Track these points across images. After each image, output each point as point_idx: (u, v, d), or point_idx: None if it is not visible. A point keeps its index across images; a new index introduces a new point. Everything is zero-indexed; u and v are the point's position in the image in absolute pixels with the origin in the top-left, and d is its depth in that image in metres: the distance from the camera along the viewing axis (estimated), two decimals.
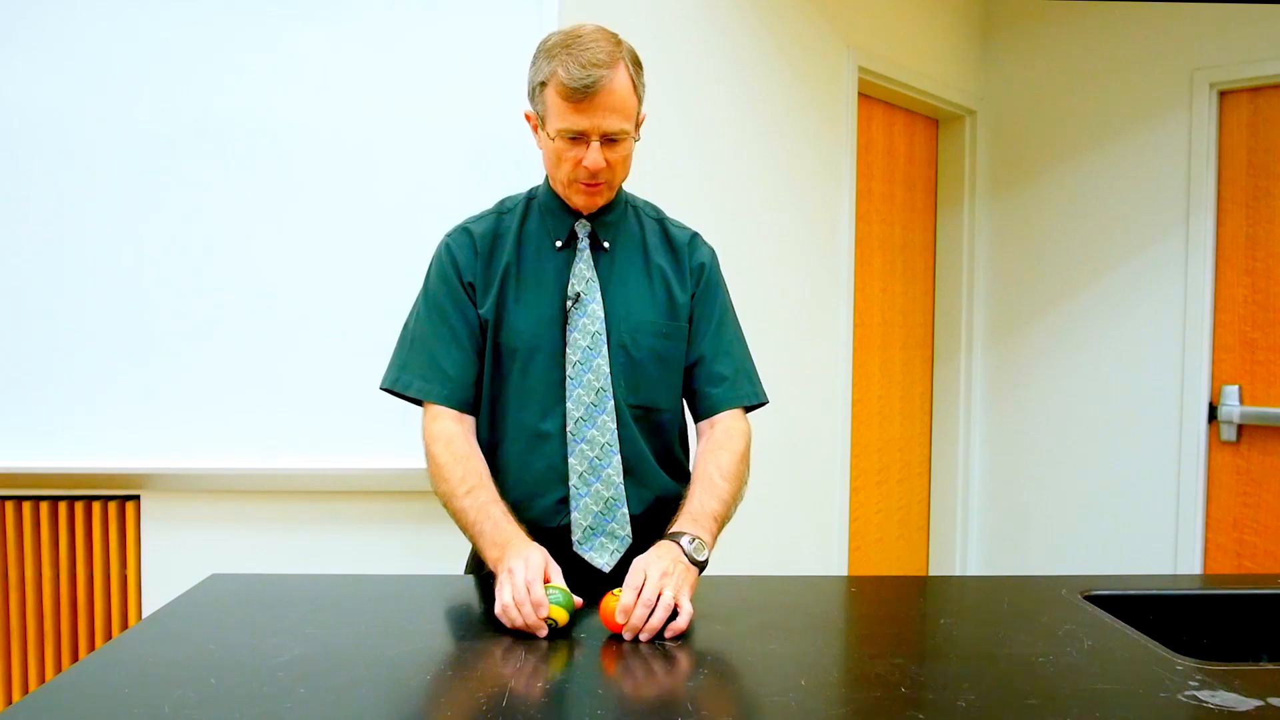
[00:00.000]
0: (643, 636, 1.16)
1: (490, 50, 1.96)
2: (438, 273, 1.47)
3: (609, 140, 1.35)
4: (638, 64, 1.40)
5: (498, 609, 1.20)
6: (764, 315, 2.59)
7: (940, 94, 3.33)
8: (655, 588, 1.18)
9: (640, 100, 1.40)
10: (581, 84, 1.30)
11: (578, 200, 1.42)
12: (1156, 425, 3.18)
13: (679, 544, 1.28)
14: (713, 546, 1.34)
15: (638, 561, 1.24)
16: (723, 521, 1.40)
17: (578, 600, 1.22)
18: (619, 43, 1.37)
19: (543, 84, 1.36)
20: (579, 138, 1.35)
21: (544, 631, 1.17)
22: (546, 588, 1.20)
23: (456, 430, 1.42)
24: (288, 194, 1.99)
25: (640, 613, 1.16)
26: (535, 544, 1.29)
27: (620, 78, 1.34)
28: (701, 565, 1.29)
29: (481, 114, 1.96)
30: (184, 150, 1.97)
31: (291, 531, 2.01)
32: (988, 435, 3.60)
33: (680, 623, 1.18)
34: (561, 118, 1.34)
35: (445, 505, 1.40)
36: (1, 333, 1.97)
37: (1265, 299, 3.03)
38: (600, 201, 1.43)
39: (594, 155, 1.34)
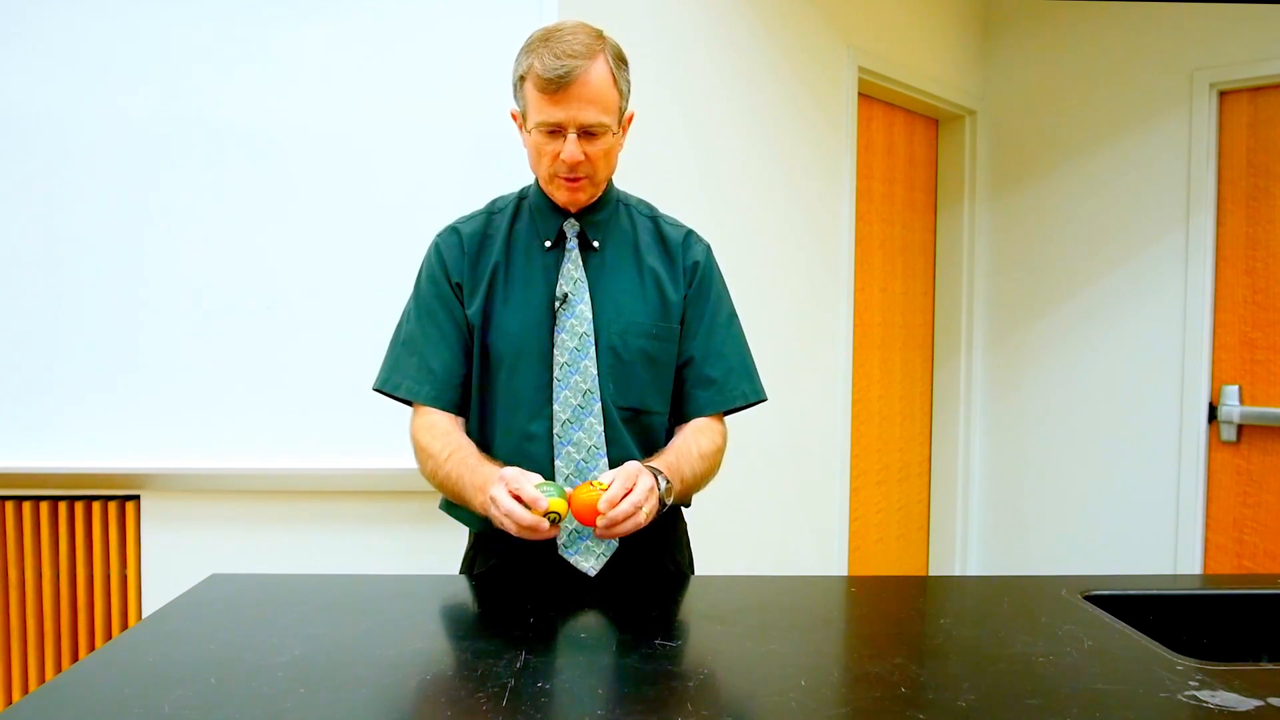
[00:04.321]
0: (601, 532, 1.24)
1: (490, 51, 1.96)
2: (427, 274, 1.48)
3: (587, 133, 1.34)
4: (621, 60, 1.38)
5: (508, 527, 1.24)
6: (764, 315, 2.59)
7: (940, 94, 3.33)
8: (644, 494, 1.25)
9: (623, 96, 1.38)
10: (556, 74, 1.30)
11: (560, 196, 1.41)
12: (1156, 425, 3.18)
13: (655, 477, 1.32)
14: (669, 505, 1.37)
15: (619, 469, 1.29)
16: (681, 494, 1.41)
17: (569, 490, 1.28)
18: (600, 37, 1.36)
19: (522, 78, 1.36)
20: (556, 131, 1.34)
21: (546, 525, 1.22)
22: (536, 486, 1.25)
23: (440, 418, 1.43)
24: (287, 194, 1.99)
25: (627, 509, 1.22)
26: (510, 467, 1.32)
27: (598, 70, 1.32)
28: (661, 507, 1.32)
29: (481, 114, 1.96)
30: (183, 150, 1.97)
31: (291, 531, 2.01)
32: (988, 435, 3.60)
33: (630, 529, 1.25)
34: (539, 110, 1.33)
35: (435, 483, 1.42)
36: (1, 333, 1.97)
37: (1265, 299, 3.03)
38: (583, 198, 1.42)
39: (570, 148, 1.33)
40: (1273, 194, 3.01)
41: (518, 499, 1.24)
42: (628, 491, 1.25)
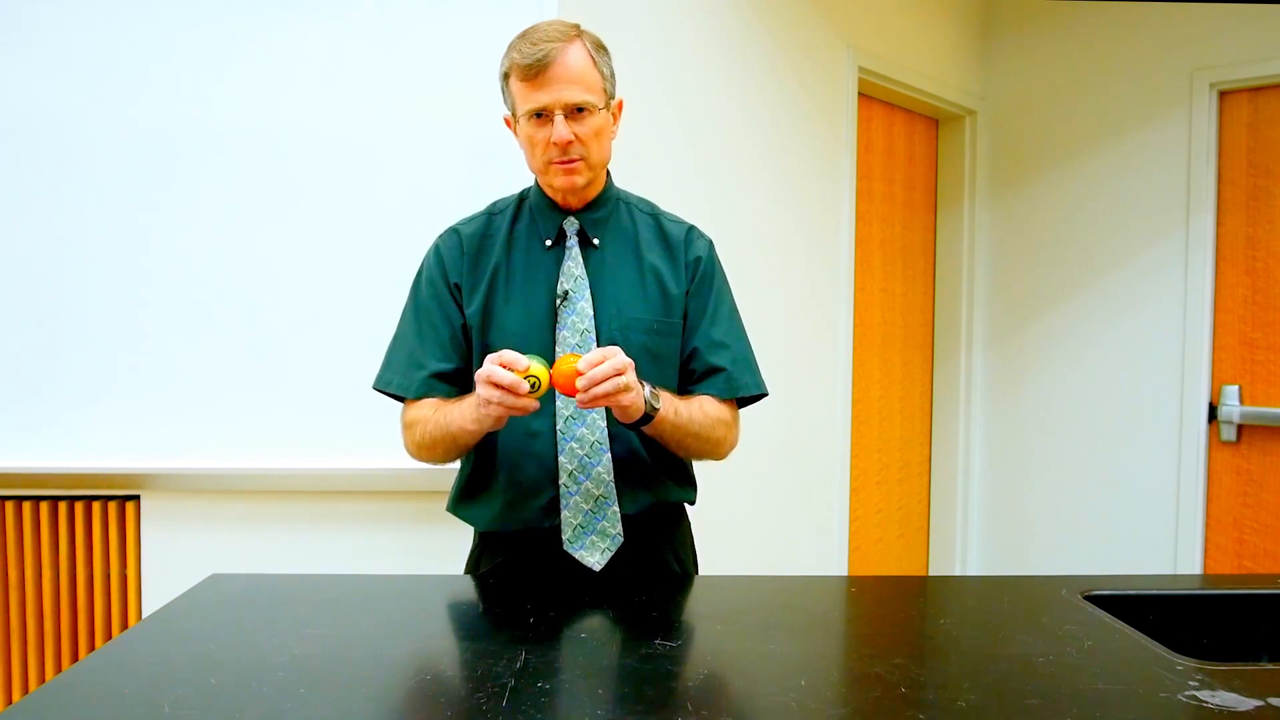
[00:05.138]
0: (583, 399, 1.24)
1: (491, 50, 1.94)
2: (425, 275, 1.50)
3: (574, 114, 1.37)
4: (600, 47, 1.42)
5: (487, 401, 1.25)
6: (764, 315, 2.58)
7: (940, 94, 3.33)
8: (624, 362, 1.25)
9: (606, 79, 1.42)
10: (534, 58, 1.34)
11: (558, 182, 1.41)
12: (1156, 425, 3.18)
13: (643, 383, 1.33)
14: (655, 429, 1.37)
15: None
16: (675, 428, 1.39)
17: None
18: (576, 27, 1.41)
19: (506, 75, 1.41)
20: (544, 115, 1.37)
21: (525, 388, 1.23)
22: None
23: (426, 400, 1.44)
24: (288, 194, 1.99)
25: (606, 370, 1.22)
26: None
27: (574, 51, 1.37)
28: (646, 415, 1.33)
29: (481, 114, 1.95)
30: (184, 150, 1.97)
31: (291, 531, 2.01)
32: (988, 435, 3.60)
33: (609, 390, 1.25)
34: (524, 99, 1.37)
35: (426, 445, 1.41)
36: (1, 333, 1.97)
37: (1265, 299, 3.02)
38: (580, 182, 1.42)
39: (559, 129, 1.36)
40: (1273, 194, 3.01)
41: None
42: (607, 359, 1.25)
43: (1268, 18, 2.97)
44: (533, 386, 1.24)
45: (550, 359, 1.41)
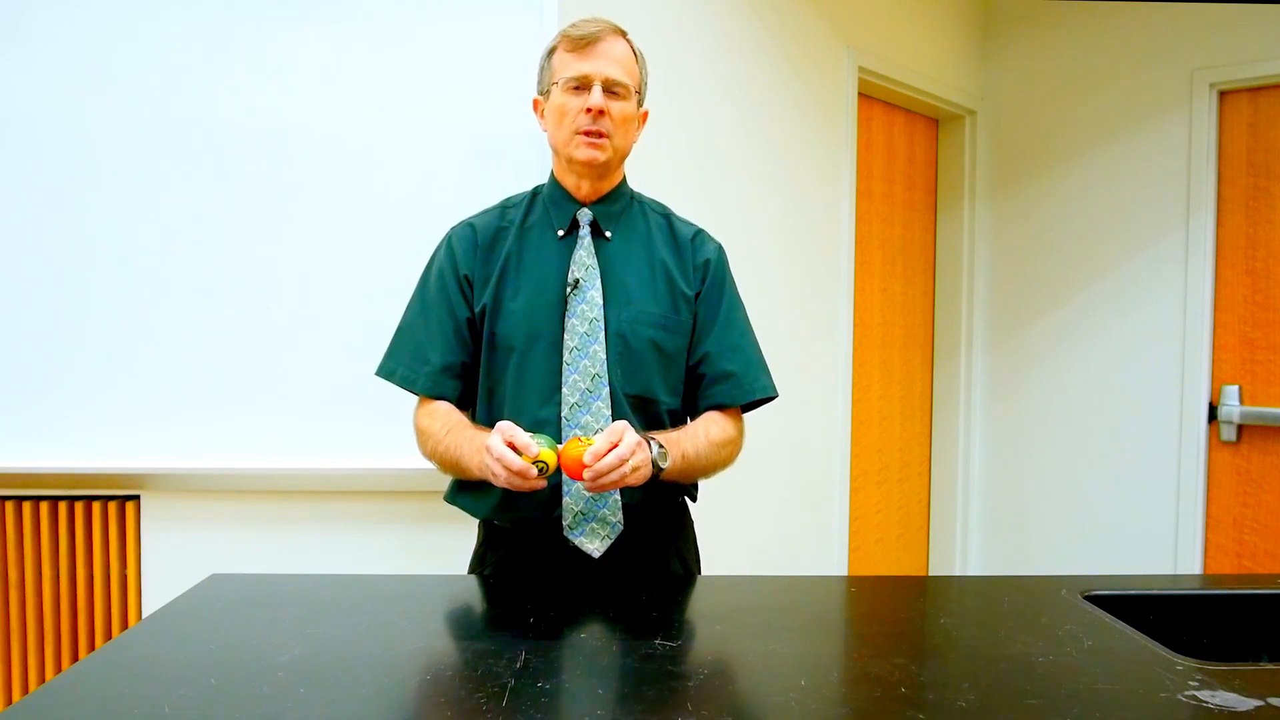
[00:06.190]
0: (588, 488, 1.27)
1: (490, 50, 1.96)
2: (435, 267, 1.51)
3: (610, 92, 1.43)
4: (642, 56, 1.51)
5: (498, 473, 1.27)
6: (764, 315, 2.58)
7: (940, 94, 3.33)
8: (630, 449, 1.26)
9: (642, 80, 1.49)
10: (587, 32, 1.43)
11: (580, 154, 1.44)
12: (1156, 425, 3.18)
13: (650, 442, 1.35)
14: (665, 476, 1.38)
15: (614, 425, 1.31)
16: (682, 472, 1.41)
17: (559, 447, 1.31)
18: (625, 31, 1.49)
19: (551, 51, 1.47)
20: (582, 86, 1.43)
21: (535, 472, 1.25)
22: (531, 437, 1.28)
23: (440, 403, 1.46)
24: (288, 194, 1.99)
25: (612, 462, 1.24)
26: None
27: (622, 43, 1.46)
28: (656, 473, 1.35)
29: (481, 114, 1.96)
30: (184, 150, 1.97)
31: (291, 531, 2.01)
32: (988, 435, 3.60)
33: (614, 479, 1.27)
34: (565, 67, 1.44)
35: (435, 461, 1.44)
36: (1, 333, 1.97)
37: (1265, 299, 3.02)
38: (600, 157, 1.44)
39: (596, 96, 1.42)
40: (1273, 194, 3.01)
41: (511, 448, 1.27)
42: (614, 446, 1.27)
43: (1268, 18, 2.97)
44: (541, 471, 1.26)
45: (559, 347, 1.42)
